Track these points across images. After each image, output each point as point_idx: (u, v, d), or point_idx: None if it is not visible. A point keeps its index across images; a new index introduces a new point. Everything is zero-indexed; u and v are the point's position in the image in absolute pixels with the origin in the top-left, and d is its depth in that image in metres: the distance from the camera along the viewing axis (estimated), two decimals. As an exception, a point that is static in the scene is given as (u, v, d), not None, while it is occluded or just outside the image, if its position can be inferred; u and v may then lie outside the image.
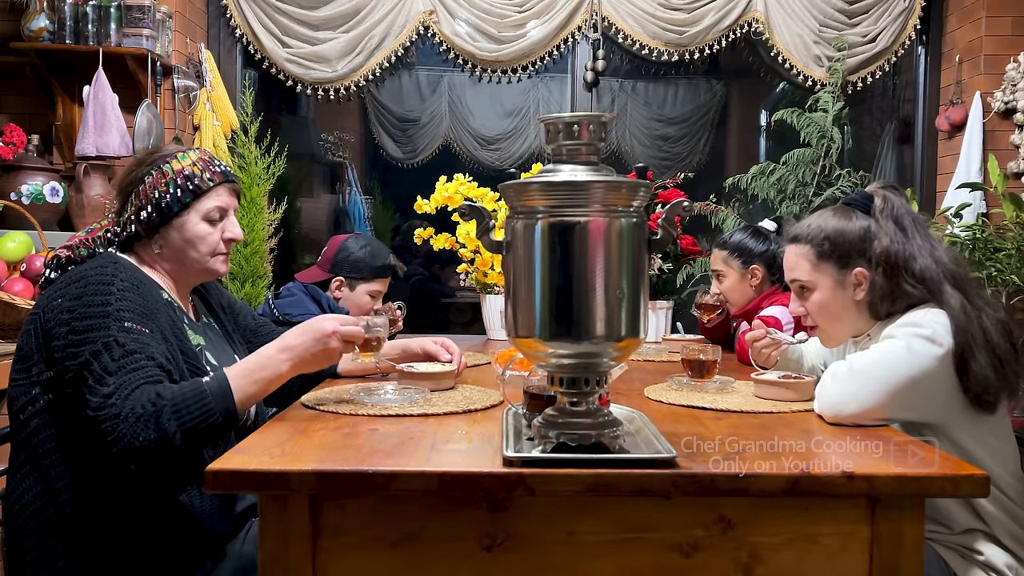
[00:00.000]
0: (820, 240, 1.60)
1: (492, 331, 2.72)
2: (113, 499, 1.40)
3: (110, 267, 1.44)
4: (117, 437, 1.28)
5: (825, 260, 1.60)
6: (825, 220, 1.62)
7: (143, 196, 1.53)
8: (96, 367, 1.32)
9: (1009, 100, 3.40)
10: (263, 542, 1.11)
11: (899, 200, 1.59)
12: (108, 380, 1.31)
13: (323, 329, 1.45)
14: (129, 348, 1.35)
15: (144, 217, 1.52)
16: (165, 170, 1.54)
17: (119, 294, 1.40)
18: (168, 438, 1.28)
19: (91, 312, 1.37)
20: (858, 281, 1.58)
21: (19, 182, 3.04)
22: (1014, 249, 3.01)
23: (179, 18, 3.36)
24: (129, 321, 1.38)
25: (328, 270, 2.54)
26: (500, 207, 2.58)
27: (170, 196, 1.53)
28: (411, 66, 4.24)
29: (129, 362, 1.34)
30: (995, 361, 1.45)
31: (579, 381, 1.13)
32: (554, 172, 1.12)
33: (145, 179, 1.54)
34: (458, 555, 1.12)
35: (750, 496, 1.10)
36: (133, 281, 1.44)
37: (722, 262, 2.39)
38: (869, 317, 1.60)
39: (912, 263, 1.53)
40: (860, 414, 1.39)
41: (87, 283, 1.41)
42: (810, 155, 3.52)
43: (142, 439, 1.27)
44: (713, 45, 3.67)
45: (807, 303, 1.64)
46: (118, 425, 1.28)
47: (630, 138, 4.51)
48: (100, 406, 1.30)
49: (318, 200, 4.87)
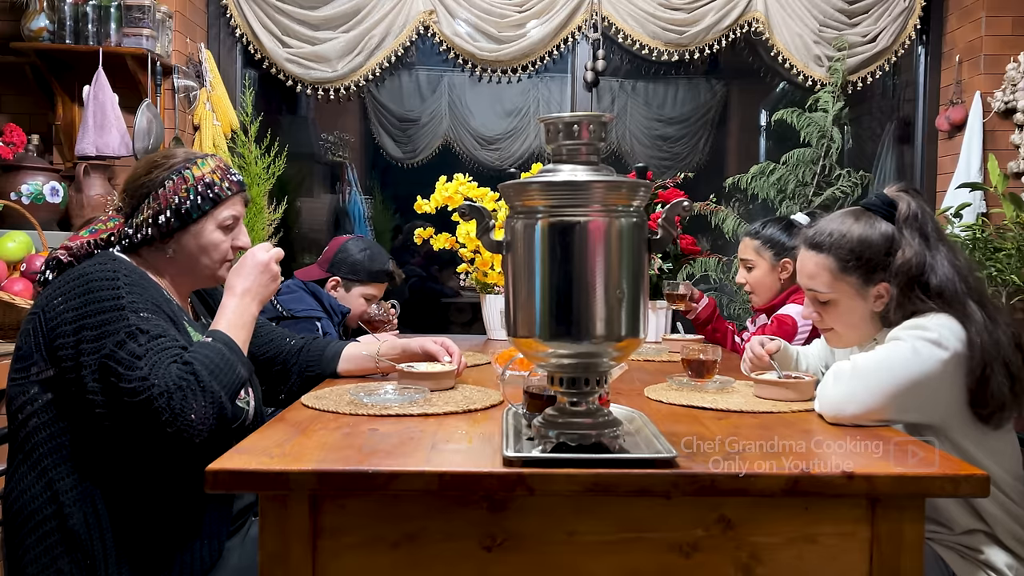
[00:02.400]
0: (845, 253, 1.54)
1: (492, 331, 2.72)
2: (112, 499, 1.40)
3: (110, 264, 1.45)
4: (172, 414, 1.29)
5: (849, 273, 1.55)
6: (848, 227, 1.56)
7: (162, 200, 1.53)
8: (123, 355, 1.33)
9: (1009, 100, 3.40)
10: (263, 542, 1.11)
11: (922, 205, 1.55)
12: (140, 364, 1.32)
13: (262, 260, 1.56)
14: (153, 333, 1.37)
15: (162, 221, 1.53)
16: (186, 176, 1.55)
17: (127, 287, 1.41)
18: (218, 399, 1.34)
19: (103, 307, 1.38)
20: (880, 294, 1.54)
21: (19, 182, 3.04)
22: (1014, 249, 3.02)
23: (179, 18, 3.36)
24: (144, 311, 1.39)
25: (326, 269, 2.55)
26: (500, 207, 2.58)
27: (190, 203, 1.54)
28: (411, 66, 4.24)
29: (156, 345, 1.36)
30: (1009, 377, 1.43)
31: (579, 381, 1.13)
32: (554, 172, 1.12)
33: (165, 183, 1.54)
34: (458, 555, 1.12)
35: (750, 496, 1.10)
36: (134, 277, 1.45)
37: (753, 252, 2.37)
38: (881, 325, 1.58)
39: (931, 276, 1.49)
40: (861, 414, 1.39)
41: (90, 280, 1.41)
42: (810, 155, 3.52)
43: (196, 407, 1.31)
44: (713, 45, 3.67)
45: (822, 310, 1.61)
46: (168, 402, 1.30)
47: (630, 138, 4.51)
48: (138, 390, 1.30)
49: (318, 200, 4.87)
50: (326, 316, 2.41)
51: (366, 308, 2.53)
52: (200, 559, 1.44)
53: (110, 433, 1.37)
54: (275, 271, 1.58)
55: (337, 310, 2.44)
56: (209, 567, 1.45)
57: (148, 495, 1.41)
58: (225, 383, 1.37)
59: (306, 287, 2.48)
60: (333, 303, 2.46)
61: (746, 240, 2.41)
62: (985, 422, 1.44)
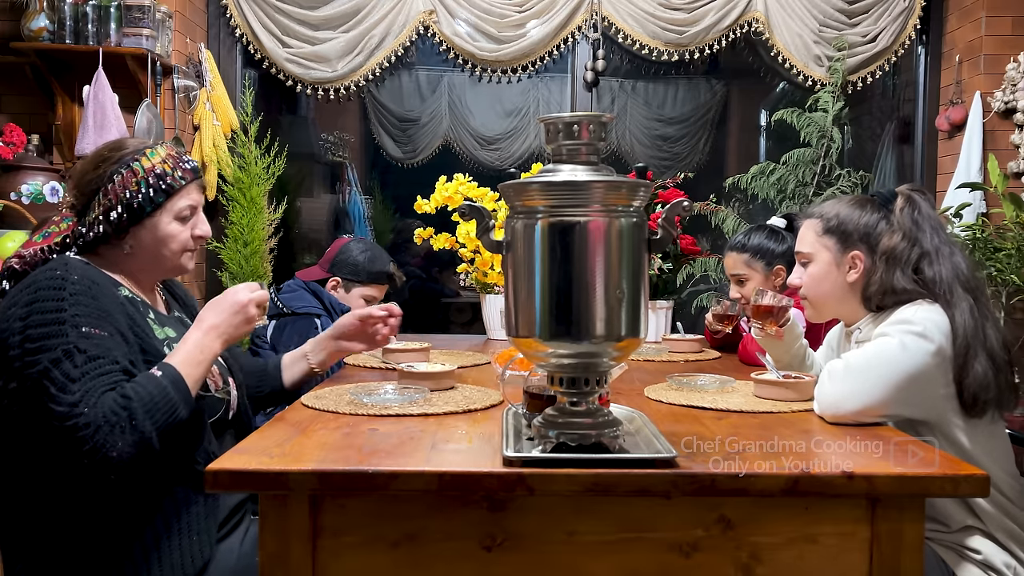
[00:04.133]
0: (831, 217, 1.66)
1: (492, 331, 2.72)
2: (94, 504, 1.37)
3: (60, 270, 1.39)
4: (94, 447, 1.25)
5: (829, 236, 1.65)
6: (841, 205, 1.68)
7: (112, 196, 1.48)
8: (57, 375, 1.28)
9: (1009, 100, 3.40)
10: (263, 542, 1.11)
11: (924, 204, 1.61)
12: (72, 387, 1.27)
13: (240, 301, 1.49)
14: (91, 354, 1.31)
15: (114, 218, 1.47)
16: (135, 168, 1.49)
17: (72, 299, 1.35)
18: (147, 440, 1.28)
19: (45, 319, 1.33)
20: (853, 264, 1.62)
21: (19, 182, 3.04)
22: (1014, 249, 3.02)
23: (179, 18, 3.36)
24: (86, 326, 1.33)
25: (327, 270, 2.56)
26: (500, 207, 2.58)
27: (142, 196, 1.48)
28: (411, 66, 4.24)
29: (93, 368, 1.30)
30: (994, 368, 1.47)
31: (579, 381, 1.13)
32: (554, 172, 1.12)
33: (114, 178, 1.48)
34: (458, 555, 1.12)
35: (750, 496, 1.10)
36: (85, 283, 1.38)
37: (744, 265, 2.32)
38: (860, 305, 1.63)
39: (922, 264, 1.55)
40: (859, 411, 1.40)
41: (38, 288, 1.37)
42: (810, 155, 3.52)
43: (120, 445, 1.26)
44: (713, 45, 3.67)
45: (805, 274, 1.69)
46: (92, 435, 1.25)
47: (630, 138, 4.51)
48: (67, 415, 1.26)
49: (318, 200, 4.87)
50: (326, 314, 2.41)
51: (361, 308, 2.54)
52: (189, 559, 1.42)
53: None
54: (251, 314, 1.50)
55: (338, 308, 2.45)
56: (201, 565, 1.43)
57: (129, 498, 1.37)
58: (160, 422, 1.30)
59: (307, 286, 2.48)
60: (333, 302, 2.47)
61: (732, 255, 2.35)
62: (970, 411, 1.47)
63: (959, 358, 1.45)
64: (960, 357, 1.45)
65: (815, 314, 1.73)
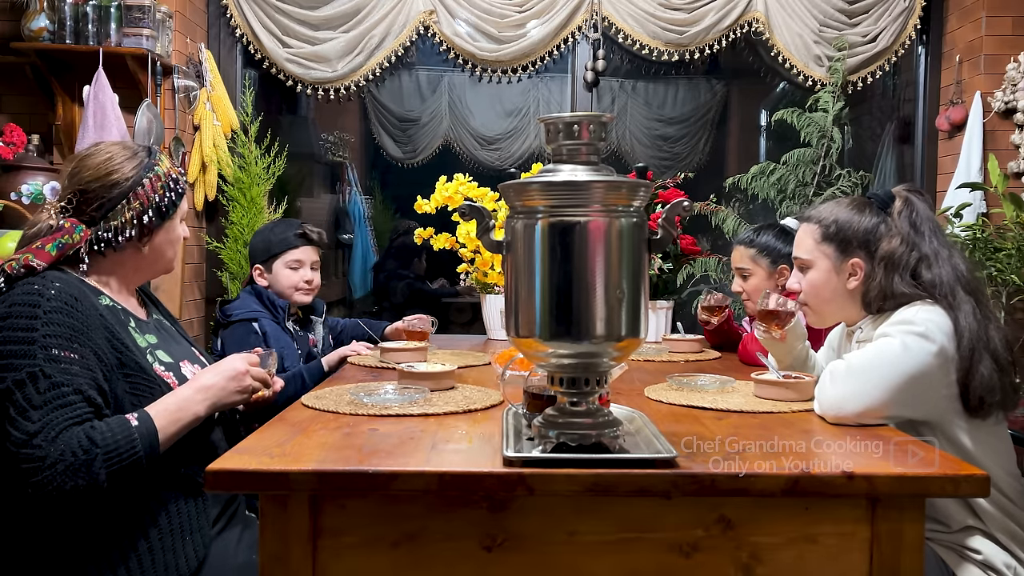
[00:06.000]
0: (829, 223, 1.64)
1: (492, 331, 2.72)
2: (83, 508, 1.35)
3: (38, 284, 1.38)
4: (42, 482, 1.25)
5: (828, 243, 1.64)
6: (840, 208, 1.66)
7: (143, 199, 1.52)
8: (19, 398, 1.28)
9: (1009, 100, 3.40)
10: (263, 542, 1.11)
11: (922, 205, 1.61)
12: (32, 415, 1.27)
13: (236, 368, 1.50)
14: (56, 380, 1.30)
15: (147, 221, 1.52)
16: (159, 173, 1.55)
17: (46, 317, 1.34)
18: (98, 485, 1.28)
19: (15, 336, 1.32)
20: (853, 271, 1.61)
21: (19, 182, 3.04)
22: (1014, 249, 3.01)
23: (179, 18, 3.36)
24: (56, 348, 1.32)
25: (251, 265, 2.52)
26: (500, 207, 2.58)
27: (167, 200, 1.56)
28: (411, 66, 4.24)
29: (55, 396, 1.29)
30: (998, 369, 1.46)
31: (579, 381, 1.13)
32: (554, 172, 1.12)
33: (143, 182, 1.53)
34: (458, 555, 1.12)
35: (750, 496, 1.10)
36: (64, 298, 1.37)
37: (750, 260, 2.32)
38: (860, 308, 1.63)
39: (921, 267, 1.54)
40: (861, 412, 1.40)
41: (12, 303, 1.36)
42: (810, 155, 3.52)
43: (70, 487, 1.26)
44: (713, 45, 3.66)
45: (804, 279, 1.69)
46: (45, 471, 1.25)
47: (630, 138, 4.52)
48: (23, 443, 1.26)
49: (318, 200, 4.87)
50: (266, 314, 2.37)
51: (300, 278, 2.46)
52: (183, 560, 1.41)
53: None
54: (245, 384, 1.50)
55: (277, 304, 2.40)
56: (196, 564, 1.43)
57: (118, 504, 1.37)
58: (115, 468, 1.29)
59: (252, 290, 2.45)
60: (272, 298, 2.41)
61: (740, 248, 2.36)
62: (975, 413, 1.46)
63: (964, 361, 1.45)
64: (965, 360, 1.45)
65: (817, 319, 1.73)
